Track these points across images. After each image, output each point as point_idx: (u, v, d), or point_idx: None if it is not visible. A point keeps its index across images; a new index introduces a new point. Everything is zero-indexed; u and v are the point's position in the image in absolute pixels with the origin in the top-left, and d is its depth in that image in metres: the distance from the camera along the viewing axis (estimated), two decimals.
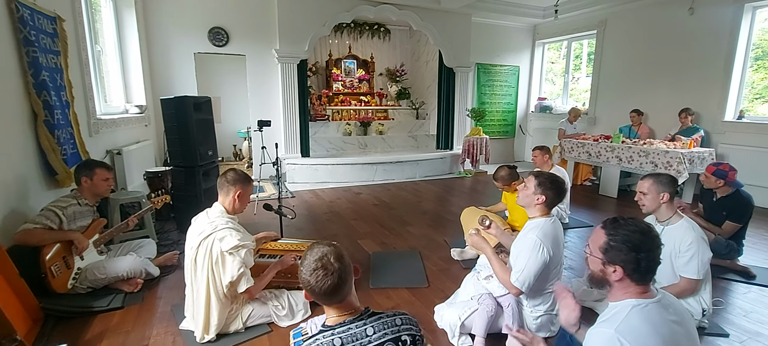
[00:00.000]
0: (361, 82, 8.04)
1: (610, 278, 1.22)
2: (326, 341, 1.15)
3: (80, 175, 2.65)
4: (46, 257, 2.34)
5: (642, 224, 1.22)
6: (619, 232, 1.20)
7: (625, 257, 1.18)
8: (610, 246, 1.21)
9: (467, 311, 2.11)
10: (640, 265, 1.17)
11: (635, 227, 1.20)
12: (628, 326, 1.12)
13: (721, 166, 3.07)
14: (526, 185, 2.12)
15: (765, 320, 2.43)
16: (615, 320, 1.15)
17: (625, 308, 1.17)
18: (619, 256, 1.19)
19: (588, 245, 1.32)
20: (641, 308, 1.16)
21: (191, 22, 5.79)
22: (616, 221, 1.24)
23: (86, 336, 2.19)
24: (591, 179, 6.40)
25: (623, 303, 1.19)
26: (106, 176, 2.71)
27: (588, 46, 7.66)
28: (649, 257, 1.17)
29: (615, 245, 1.20)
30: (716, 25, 5.30)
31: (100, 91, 4.30)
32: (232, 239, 2.07)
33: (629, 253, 1.17)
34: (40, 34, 2.86)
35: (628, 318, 1.14)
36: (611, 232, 1.22)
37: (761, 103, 5.44)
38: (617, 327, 1.12)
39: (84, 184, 2.65)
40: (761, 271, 3.08)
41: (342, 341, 1.15)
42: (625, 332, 1.11)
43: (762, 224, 4.22)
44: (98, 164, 2.73)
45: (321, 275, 1.18)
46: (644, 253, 1.17)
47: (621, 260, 1.19)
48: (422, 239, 3.76)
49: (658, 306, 1.17)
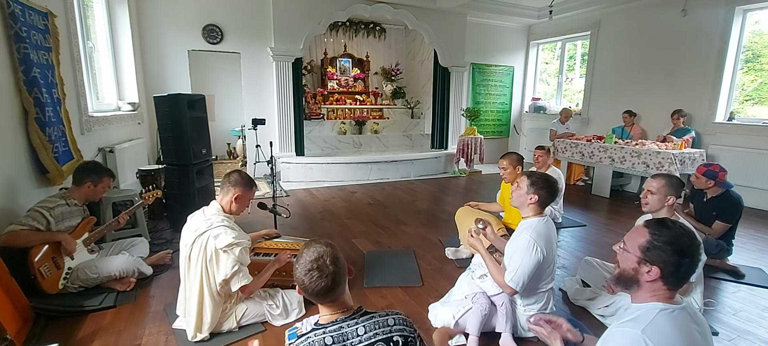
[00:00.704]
0: (356, 81, 8.03)
1: (642, 278, 1.18)
2: (318, 339, 1.15)
3: (86, 178, 2.62)
4: (34, 259, 2.30)
5: (688, 229, 1.19)
6: (665, 232, 1.17)
7: (667, 258, 1.14)
8: (652, 245, 1.17)
9: (461, 310, 2.12)
10: (680, 270, 1.13)
11: (682, 231, 1.17)
12: (655, 328, 1.09)
13: (711, 167, 3.11)
14: (519, 185, 2.13)
15: (754, 318, 2.47)
16: (641, 321, 1.11)
17: (652, 310, 1.14)
18: (660, 256, 1.15)
19: (623, 242, 1.27)
20: (669, 312, 1.12)
21: (185, 19, 5.75)
22: (662, 222, 1.20)
23: (78, 336, 2.17)
24: (584, 179, 6.46)
25: (649, 306, 1.16)
26: (110, 184, 2.72)
27: (582, 46, 7.71)
28: (691, 263, 1.14)
29: (659, 245, 1.16)
30: (708, 28, 5.36)
31: (93, 88, 4.26)
32: (227, 237, 2.07)
33: (673, 255, 1.14)
34: (32, 30, 2.82)
35: (656, 321, 1.11)
36: (655, 232, 1.18)
37: (751, 105, 5.52)
38: (644, 329, 1.09)
39: (86, 188, 2.62)
40: (750, 270, 3.13)
41: (333, 339, 1.16)
42: (653, 335, 1.07)
43: (751, 224, 4.29)
44: (107, 172, 2.73)
45: (315, 276, 1.19)
46: (688, 259, 1.13)
47: (662, 261, 1.14)
48: (417, 239, 3.77)
49: (685, 313, 1.14)
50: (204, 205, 2.26)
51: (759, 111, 5.40)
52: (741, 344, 2.21)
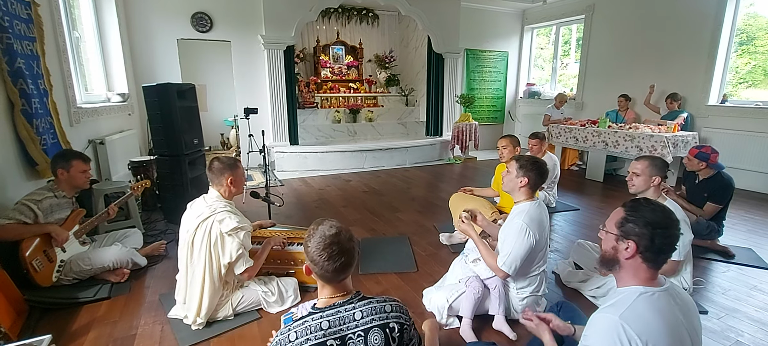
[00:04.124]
0: (349, 68, 7.96)
1: (621, 255, 1.20)
2: (315, 323, 1.16)
3: (56, 166, 2.55)
4: (25, 253, 2.29)
5: (663, 206, 1.22)
6: (638, 208, 1.20)
7: (640, 231, 1.16)
8: (626, 220, 1.20)
9: (455, 294, 2.14)
10: (654, 242, 1.15)
11: (655, 206, 1.20)
12: (633, 312, 1.10)
13: (703, 149, 3.13)
14: (509, 169, 2.14)
15: (742, 297, 2.51)
16: (620, 306, 1.13)
17: (632, 294, 1.15)
18: (634, 230, 1.17)
19: (603, 225, 1.30)
20: (649, 296, 1.13)
21: (173, 7, 5.64)
22: (637, 201, 1.24)
23: (73, 327, 2.17)
24: (578, 164, 6.49)
25: (630, 290, 1.17)
26: (83, 167, 2.61)
27: (577, 31, 7.68)
28: (665, 235, 1.15)
29: (631, 219, 1.19)
30: (702, 10, 5.34)
31: (80, 79, 4.18)
32: (232, 222, 2.11)
33: (645, 227, 1.16)
34: (15, 20, 2.76)
35: (634, 305, 1.11)
36: (629, 208, 1.22)
37: (745, 87, 5.54)
38: (622, 313, 1.10)
39: (60, 176, 2.55)
40: (740, 251, 3.17)
41: (330, 323, 1.16)
42: (630, 319, 1.08)
43: (742, 206, 4.34)
44: (75, 155, 2.62)
45: (335, 251, 1.18)
46: (660, 230, 1.15)
47: (636, 234, 1.17)
48: (411, 225, 3.78)
49: (666, 295, 1.15)
50: (197, 195, 2.27)
51: (752, 94, 5.42)
52: (730, 321, 2.25)
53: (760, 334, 2.14)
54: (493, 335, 2.10)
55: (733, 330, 2.17)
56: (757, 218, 4.02)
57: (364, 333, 1.17)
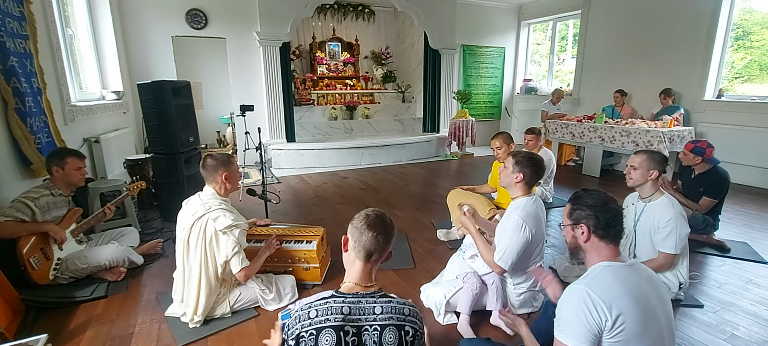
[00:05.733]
0: (346, 65, 7.93)
1: (580, 240, 1.37)
2: (336, 305, 1.19)
3: (51, 164, 2.54)
4: (23, 250, 2.28)
5: (598, 190, 1.41)
6: (581, 196, 1.40)
7: (586, 213, 1.34)
8: (573, 210, 1.40)
9: (452, 290, 2.14)
10: (600, 219, 1.32)
11: (592, 192, 1.40)
12: (596, 280, 1.24)
13: (699, 144, 3.14)
14: (505, 165, 2.14)
15: (738, 291, 2.53)
16: (586, 278, 1.27)
17: (597, 268, 1.29)
18: (581, 214, 1.36)
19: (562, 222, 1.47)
20: (611, 267, 1.27)
21: (167, 4, 5.59)
22: (577, 192, 1.44)
23: (70, 326, 2.16)
24: (574, 159, 6.50)
25: (596, 266, 1.31)
26: (78, 165, 2.60)
27: (573, 26, 7.67)
28: (605, 210, 1.32)
29: (576, 206, 1.39)
30: (698, 5, 5.35)
31: (74, 77, 4.15)
32: (226, 219, 2.10)
33: (589, 209, 1.34)
34: (7, 18, 2.72)
35: (598, 275, 1.26)
36: (574, 200, 1.42)
37: (740, 82, 5.56)
38: (587, 282, 1.24)
39: (55, 173, 2.54)
40: (735, 245, 3.19)
41: (350, 310, 1.19)
42: (593, 285, 1.22)
43: (737, 200, 4.36)
44: (69, 153, 2.61)
45: (377, 223, 1.28)
46: (600, 207, 1.33)
47: (584, 218, 1.35)
48: (409, 222, 3.78)
49: (630, 268, 1.28)
50: (193, 193, 2.25)
51: (748, 88, 5.44)
52: (725, 315, 2.26)
53: (756, 327, 2.16)
54: (491, 331, 2.11)
55: (729, 324, 2.19)
56: (753, 212, 4.04)
57: (380, 329, 1.19)
